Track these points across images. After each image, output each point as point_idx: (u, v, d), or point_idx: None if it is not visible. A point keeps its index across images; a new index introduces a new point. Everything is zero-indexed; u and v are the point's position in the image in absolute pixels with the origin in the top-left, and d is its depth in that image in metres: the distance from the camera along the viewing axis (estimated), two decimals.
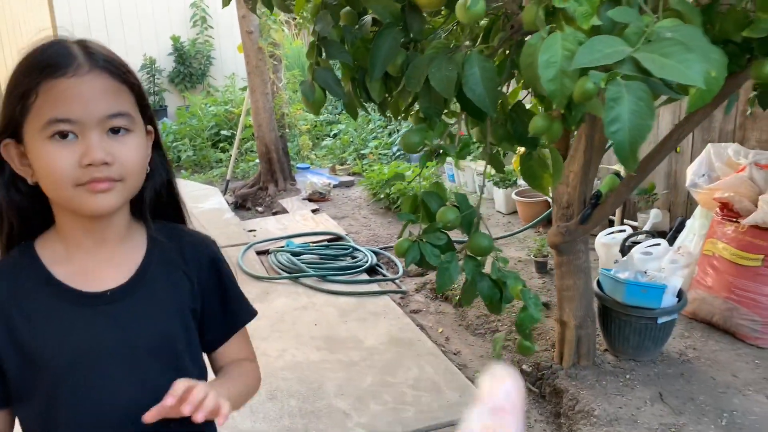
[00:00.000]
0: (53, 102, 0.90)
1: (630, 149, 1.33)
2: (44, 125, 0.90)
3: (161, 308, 1.05)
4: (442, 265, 1.71)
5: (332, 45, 1.84)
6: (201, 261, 1.11)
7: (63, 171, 0.91)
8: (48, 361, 0.96)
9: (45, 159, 0.91)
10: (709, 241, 3.24)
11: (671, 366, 2.88)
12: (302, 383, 2.90)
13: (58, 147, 0.90)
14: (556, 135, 1.65)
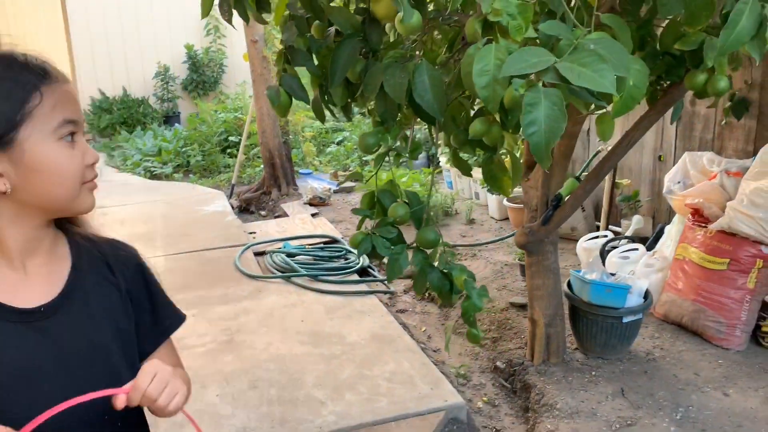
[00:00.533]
0: (63, 103, 0.93)
1: (545, 149, 1.47)
2: (58, 126, 0.92)
3: (94, 321, 1.03)
4: (392, 256, 1.86)
5: (298, 53, 2.01)
6: (127, 270, 1.10)
7: (77, 169, 0.94)
8: None
9: (59, 158, 0.92)
10: (681, 245, 3.35)
11: (636, 364, 2.99)
12: (283, 374, 3.05)
13: (68, 147, 0.94)
14: (495, 137, 1.80)
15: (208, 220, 5.79)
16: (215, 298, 4.00)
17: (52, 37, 5.04)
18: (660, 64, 2.07)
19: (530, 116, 1.46)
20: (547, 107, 1.46)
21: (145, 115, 10.55)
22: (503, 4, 1.62)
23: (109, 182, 7.64)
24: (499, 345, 3.39)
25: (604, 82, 1.46)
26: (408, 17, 1.53)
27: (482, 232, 5.36)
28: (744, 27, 1.49)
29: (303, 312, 3.77)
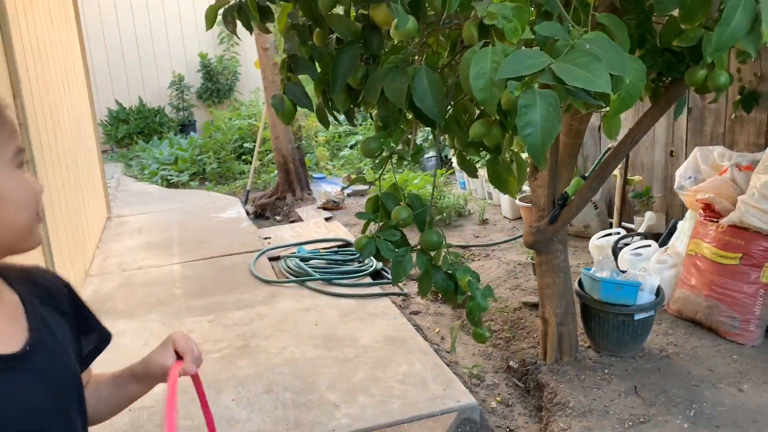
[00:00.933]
0: (13, 133, 0.89)
1: (542, 150, 1.48)
2: (14, 155, 0.88)
3: (64, 349, 0.99)
4: (396, 258, 1.88)
5: (301, 61, 2.04)
6: (61, 294, 1.06)
7: (33, 196, 0.90)
8: None
9: (19, 186, 0.88)
10: (693, 241, 3.33)
11: (650, 361, 2.98)
12: (298, 378, 3.09)
13: (24, 175, 0.89)
14: (496, 139, 1.81)
15: (224, 227, 5.85)
16: (231, 303, 4.05)
17: (67, 50, 5.14)
18: (660, 60, 2.08)
19: (526, 118, 1.48)
20: (542, 108, 1.48)
21: (161, 124, 10.68)
22: (499, 8, 1.64)
23: (127, 192, 7.76)
24: (512, 344, 3.39)
25: (599, 81, 1.47)
26: (402, 23, 1.55)
27: (495, 231, 5.36)
28: (738, 23, 1.50)
29: (317, 316, 3.81)
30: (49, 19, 4.56)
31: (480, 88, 1.62)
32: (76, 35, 5.80)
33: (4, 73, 3.19)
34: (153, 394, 1.23)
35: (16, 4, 3.56)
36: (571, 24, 1.73)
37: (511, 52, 1.62)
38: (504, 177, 2.35)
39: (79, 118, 5.32)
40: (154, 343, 1.97)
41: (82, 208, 4.93)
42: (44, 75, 4.08)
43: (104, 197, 6.38)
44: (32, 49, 3.82)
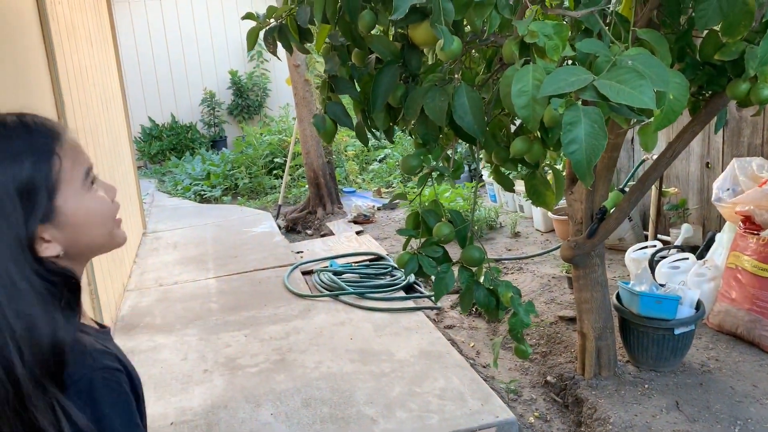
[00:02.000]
0: (76, 155, 0.93)
1: (587, 167, 1.49)
2: (84, 177, 0.92)
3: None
4: (439, 275, 1.90)
5: (341, 82, 2.08)
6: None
7: (108, 209, 0.96)
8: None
9: (94, 206, 0.93)
10: (733, 254, 3.29)
11: (691, 376, 2.94)
12: (335, 392, 3.11)
13: (95, 191, 0.95)
14: (537, 155, 1.82)
15: (257, 241, 5.93)
16: (266, 317, 4.09)
17: (105, 71, 5.28)
18: (701, 74, 2.07)
19: (570, 135, 1.49)
20: (587, 125, 1.49)
21: (193, 140, 10.88)
22: (539, 26, 1.66)
23: (161, 207, 7.90)
24: (549, 359, 3.37)
25: (644, 98, 1.47)
26: (448, 44, 1.58)
27: (528, 244, 5.34)
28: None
29: (351, 330, 3.83)
30: (89, 42, 4.70)
31: (522, 105, 1.63)
32: (114, 56, 5.96)
33: (50, 97, 3.29)
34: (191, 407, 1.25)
35: (59, 29, 3.68)
36: (611, 40, 1.74)
37: (552, 69, 1.63)
38: (541, 191, 2.36)
39: (117, 137, 5.45)
40: (193, 358, 1.99)
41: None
42: (85, 97, 4.20)
43: (140, 213, 6.51)
44: (74, 73, 3.94)
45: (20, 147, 0.86)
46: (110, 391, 0.88)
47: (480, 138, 1.88)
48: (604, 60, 1.64)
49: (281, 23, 2.25)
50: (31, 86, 2.99)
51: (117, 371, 0.90)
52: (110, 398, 0.88)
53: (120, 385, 0.90)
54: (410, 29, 1.90)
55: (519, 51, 1.72)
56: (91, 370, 0.87)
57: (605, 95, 1.51)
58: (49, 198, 0.87)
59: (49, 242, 0.88)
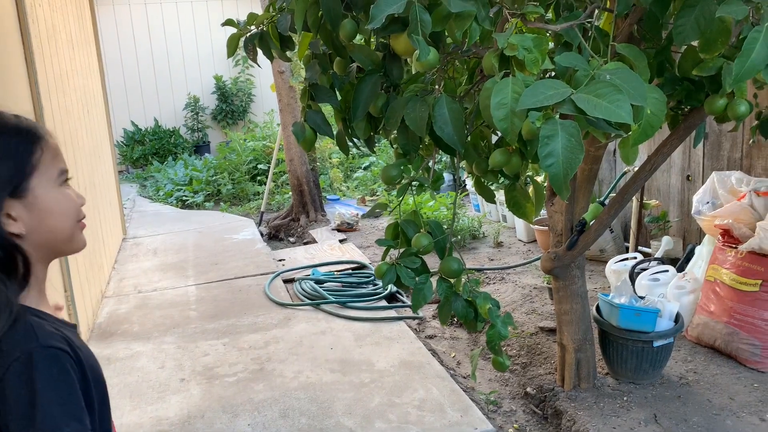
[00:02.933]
0: (56, 157, 1.06)
1: (564, 180, 1.49)
2: (57, 175, 1.05)
3: None
4: (417, 286, 1.89)
5: (321, 90, 2.07)
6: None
7: (75, 208, 1.07)
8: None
9: (61, 201, 1.04)
10: (712, 267, 3.31)
11: (669, 389, 2.95)
12: (314, 402, 3.08)
13: (66, 190, 1.06)
14: (516, 168, 1.82)
15: (239, 248, 5.88)
16: (245, 326, 4.06)
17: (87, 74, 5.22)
18: (679, 89, 2.08)
19: (547, 148, 1.49)
20: (564, 139, 1.49)
21: (176, 145, 10.80)
22: (519, 39, 1.66)
23: (142, 212, 7.82)
24: (529, 370, 3.37)
25: (621, 112, 1.47)
26: (424, 55, 1.57)
27: (510, 254, 5.35)
28: (759, 54, 1.51)
29: (332, 339, 3.80)
30: (71, 45, 4.65)
31: (501, 118, 1.63)
32: (96, 59, 5.90)
33: (28, 101, 3.25)
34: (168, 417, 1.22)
35: (39, 31, 3.63)
36: (590, 54, 1.75)
37: (531, 82, 1.63)
38: (521, 203, 2.36)
39: (97, 141, 5.39)
40: (170, 367, 1.99)
41: (99, 229, 4.97)
42: (65, 101, 4.15)
43: (120, 218, 6.44)
44: (54, 76, 3.89)
45: (7, 136, 1.00)
46: (49, 367, 0.91)
47: (460, 149, 1.87)
48: (583, 74, 1.64)
49: (262, 30, 2.23)
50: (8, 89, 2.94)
51: (61, 351, 0.94)
52: (49, 374, 0.90)
53: (62, 364, 0.92)
54: (392, 39, 1.90)
55: (499, 63, 1.72)
56: (33, 347, 0.91)
57: (583, 109, 1.52)
58: (24, 177, 0.99)
59: (15, 221, 0.98)
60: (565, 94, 1.55)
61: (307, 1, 1.90)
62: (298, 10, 1.92)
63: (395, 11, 1.54)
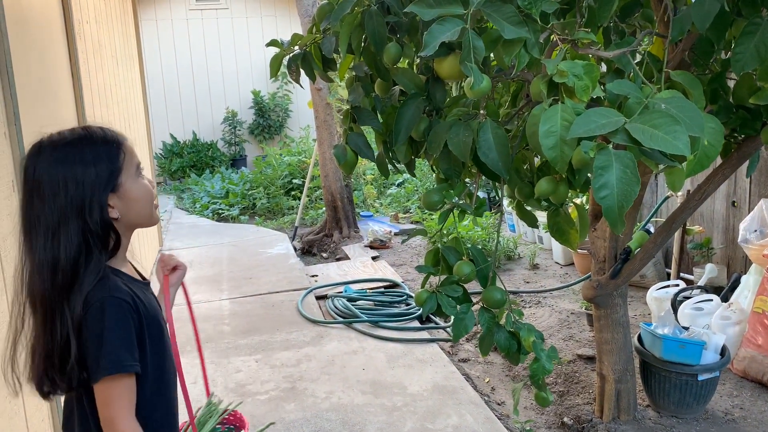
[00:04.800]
0: (132, 155, 1.35)
1: (618, 213, 1.44)
2: (136, 169, 1.35)
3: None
4: (458, 315, 1.84)
5: (364, 113, 2.05)
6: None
7: (151, 192, 1.37)
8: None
9: (143, 188, 1.35)
10: (759, 298, 3.19)
11: (714, 425, 2.83)
12: (345, 425, 3.04)
13: (143, 180, 1.36)
14: (563, 197, 1.77)
15: (272, 263, 5.90)
16: (278, 343, 4.04)
17: (130, 89, 5.32)
18: (734, 117, 2.01)
19: (601, 179, 1.44)
20: (618, 170, 1.44)
21: (213, 158, 10.93)
22: (569, 65, 1.62)
23: (179, 224, 7.91)
24: (566, 399, 3.27)
25: (678, 144, 1.42)
26: (478, 83, 1.54)
27: (546, 277, 5.25)
28: None
29: (364, 360, 3.76)
30: (115, 60, 4.74)
31: (550, 146, 1.58)
32: (138, 74, 6.01)
33: (72, 114, 3.30)
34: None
35: (86, 47, 3.71)
36: (643, 81, 1.69)
37: (581, 110, 1.59)
38: (565, 229, 2.30)
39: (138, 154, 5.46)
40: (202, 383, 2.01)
41: (136, 240, 5.02)
42: (108, 114, 4.22)
43: (157, 229, 6.51)
44: (98, 90, 3.97)
45: (98, 146, 1.30)
46: (115, 311, 1.24)
47: (504, 176, 1.83)
48: (636, 102, 1.59)
49: (305, 51, 2.23)
50: (54, 102, 3.00)
51: (124, 301, 1.26)
52: (114, 316, 1.24)
53: (123, 310, 1.25)
54: (436, 63, 1.87)
55: (547, 90, 1.68)
56: (105, 295, 1.24)
57: (638, 139, 1.46)
58: (117, 176, 1.30)
59: (113, 208, 1.30)
60: (619, 123, 1.50)
61: (352, 23, 1.89)
62: (343, 33, 1.91)
63: (449, 38, 1.51)
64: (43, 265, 1.24)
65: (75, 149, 1.27)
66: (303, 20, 6.40)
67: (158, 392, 1.36)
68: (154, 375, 1.33)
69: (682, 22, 1.76)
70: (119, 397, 1.23)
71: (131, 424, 1.23)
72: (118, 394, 1.23)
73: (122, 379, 1.23)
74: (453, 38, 1.51)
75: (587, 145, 1.49)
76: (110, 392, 1.22)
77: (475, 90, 1.58)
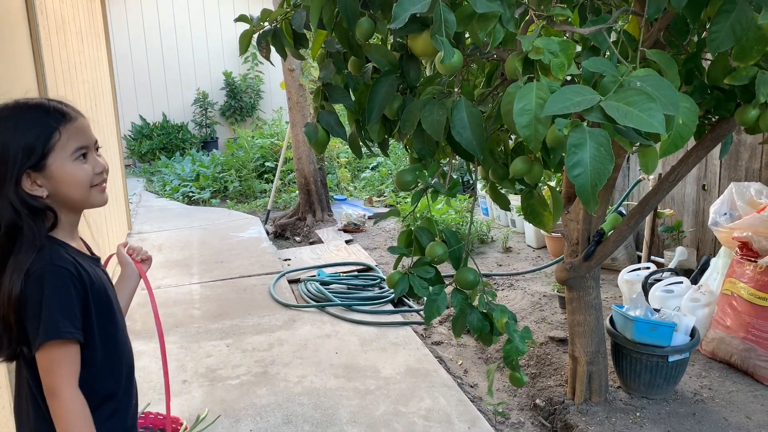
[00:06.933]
0: (76, 136, 1.32)
1: (591, 191, 1.41)
2: (72, 152, 1.31)
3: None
4: (430, 297, 1.81)
5: (336, 90, 2.00)
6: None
7: (87, 177, 1.33)
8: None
9: (76, 173, 1.31)
10: (729, 280, 3.22)
11: (684, 405, 2.86)
12: (317, 409, 3.01)
13: (81, 163, 1.32)
14: (537, 176, 1.74)
15: (244, 247, 5.82)
16: (249, 327, 3.99)
17: (96, 68, 5.17)
18: (708, 98, 2.00)
19: (575, 157, 1.41)
20: (592, 148, 1.41)
21: (183, 140, 10.75)
22: (545, 42, 1.58)
23: (148, 207, 7.77)
24: (539, 381, 3.29)
25: (653, 122, 1.40)
26: (448, 57, 1.50)
27: (519, 260, 5.26)
28: None
29: (337, 343, 3.73)
30: (80, 37, 4.59)
31: (524, 124, 1.55)
32: (105, 53, 5.84)
33: (34, 92, 3.18)
34: None
35: (48, 23, 3.57)
36: (619, 59, 1.67)
37: (556, 88, 1.56)
38: (539, 211, 2.28)
39: (105, 135, 5.33)
40: (172, 367, 1.99)
41: (104, 223, 4.91)
42: (72, 93, 4.08)
43: (126, 213, 6.38)
44: (62, 68, 3.83)
45: (34, 121, 1.28)
46: (54, 279, 1.24)
47: (479, 155, 1.80)
48: (611, 80, 1.57)
49: (276, 27, 2.16)
50: (14, 79, 2.88)
51: (65, 269, 1.26)
52: (54, 283, 1.23)
53: (64, 278, 1.25)
54: (410, 39, 1.82)
55: (522, 67, 1.64)
56: (45, 264, 1.24)
57: (612, 117, 1.44)
58: (41, 155, 1.27)
59: (39, 186, 1.29)
60: (594, 100, 1.47)
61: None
62: (314, 7, 1.85)
63: (419, 11, 1.47)
64: None
65: (7, 120, 1.27)
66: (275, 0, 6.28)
67: (109, 364, 1.36)
68: (105, 347, 1.33)
69: (659, 1, 1.73)
70: (59, 364, 1.22)
71: (73, 392, 1.23)
72: (58, 361, 1.22)
73: (62, 347, 1.23)
74: (423, 11, 1.46)
75: (561, 123, 1.45)
76: (50, 359, 1.22)
77: (446, 64, 1.53)
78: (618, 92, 1.48)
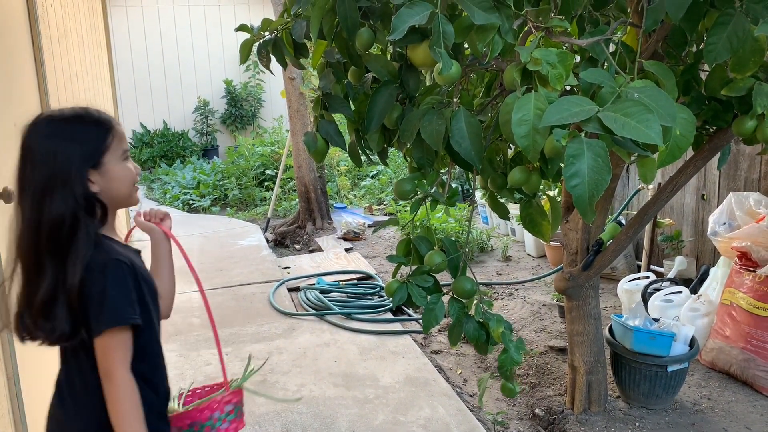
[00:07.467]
0: (121, 140, 1.46)
1: (589, 202, 1.42)
2: (122, 154, 1.45)
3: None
4: (428, 305, 1.82)
5: (335, 100, 2.01)
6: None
7: (133, 176, 1.48)
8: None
9: (124, 171, 1.45)
10: (728, 290, 3.22)
11: (683, 415, 2.86)
12: (316, 418, 3.00)
13: (127, 163, 1.47)
14: (535, 186, 1.75)
15: (244, 255, 5.82)
16: (249, 335, 3.99)
17: (97, 76, 5.19)
18: (706, 109, 2.01)
19: (573, 168, 1.42)
20: (590, 159, 1.42)
21: (184, 148, 10.76)
22: (543, 53, 1.59)
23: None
24: (538, 391, 3.28)
25: (650, 133, 1.41)
26: (446, 68, 1.51)
27: (519, 269, 5.26)
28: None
29: (336, 352, 3.73)
30: (82, 46, 4.61)
31: (522, 134, 1.56)
32: (106, 60, 5.87)
33: (36, 100, 3.19)
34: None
35: (50, 32, 3.59)
36: (617, 70, 1.68)
37: (555, 98, 1.57)
38: (537, 221, 2.29)
39: None
40: (171, 375, 1.97)
41: None
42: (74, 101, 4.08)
43: (126, 220, 6.38)
44: (63, 76, 3.85)
45: (91, 124, 1.42)
46: (115, 272, 1.35)
47: (477, 165, 1.81)
48: (609, 91, 1.58)
49: (276, 37, 2.18)
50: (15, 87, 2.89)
51: (124, 263, 1.37)
52: (114, 277, 1.35)
53: (123, 271, 1.36)
54: (409, 50, 1.83)
55: (521, 78, 1.66)
56: (106, 258, 1.36)
57: (610, 128, 1.45)
58: (101, 155, 1.40)
59: (93, 183, 1.40)
60: (591, 111, 1.48)
61: (323, 8, 1.84)
62: (315, 17, 1.86)
63: (417, 22, 1.48)
64: (29, 223, 1.35)
65: (68, 126, 1.40)
66: (276, 8, 6.31)
67: (149, 346, 1.47)
68: (147, 332, 1.44)
69: (656, 12, 1.74)
70: (116, 349, 1.34)
71: (126, 375, 1.34)
72: (115, 346, 1.33)
73: (121, 332, 1.34)
74: (422, 22, 1.48)
75: (559, 134, 1.47)
76: (109, 344, 1.33)
77: (444, 75, 1.54)
78: (616, 103, 1.49)
